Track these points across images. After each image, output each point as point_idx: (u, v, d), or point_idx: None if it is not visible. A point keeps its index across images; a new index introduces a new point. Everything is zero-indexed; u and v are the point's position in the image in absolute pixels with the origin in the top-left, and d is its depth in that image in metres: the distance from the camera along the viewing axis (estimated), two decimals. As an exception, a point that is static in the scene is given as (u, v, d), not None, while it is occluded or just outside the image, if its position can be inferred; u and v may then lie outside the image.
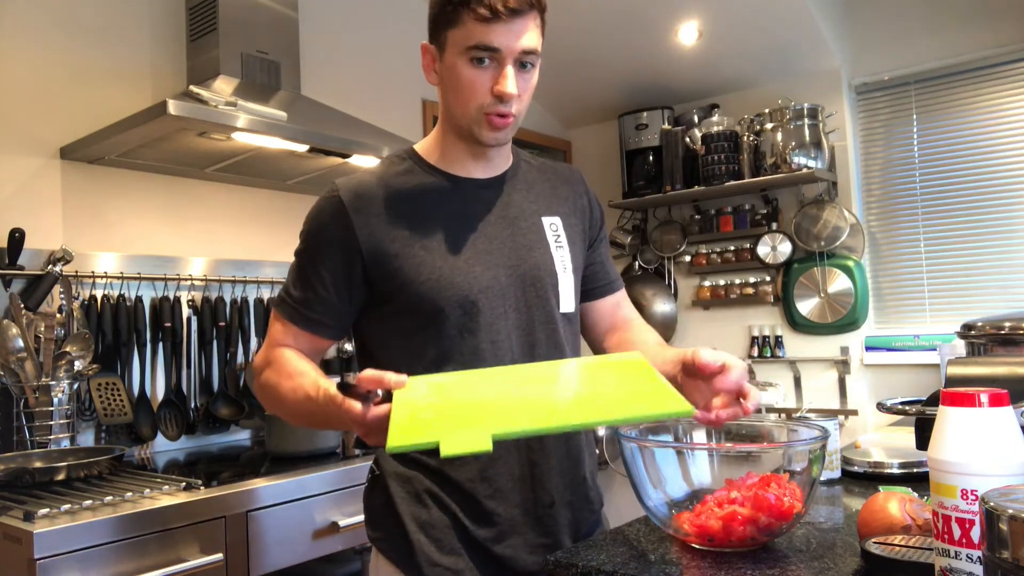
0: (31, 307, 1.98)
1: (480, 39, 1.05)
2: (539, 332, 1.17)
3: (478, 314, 1.12)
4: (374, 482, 1.20)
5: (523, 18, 1.06)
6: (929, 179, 3.15)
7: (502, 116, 1.10)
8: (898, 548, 0.86)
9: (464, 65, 1.07)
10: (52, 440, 1.92)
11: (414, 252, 1.12)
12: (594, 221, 1.32)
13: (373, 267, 1.12)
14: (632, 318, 1.35)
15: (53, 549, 1.40)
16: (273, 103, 2.17)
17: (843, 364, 3.24)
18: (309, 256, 1.16)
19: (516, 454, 1.14)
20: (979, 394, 0.73)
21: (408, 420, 0.85)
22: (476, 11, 1.03)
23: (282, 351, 1.15)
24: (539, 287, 1.17)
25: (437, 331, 1.12)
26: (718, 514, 0.94)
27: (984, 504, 0.62)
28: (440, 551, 1.10)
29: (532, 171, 1.27)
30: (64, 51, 2.20)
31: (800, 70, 3.33)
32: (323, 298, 1.14)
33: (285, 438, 2.10)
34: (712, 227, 3.56)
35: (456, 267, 1.12)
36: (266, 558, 1.73)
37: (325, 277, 1.13)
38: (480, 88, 1.08)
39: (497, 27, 1.04)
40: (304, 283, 1.16)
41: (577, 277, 1.24)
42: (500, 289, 1.14)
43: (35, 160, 2.13)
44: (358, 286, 1.14)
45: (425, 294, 1.10)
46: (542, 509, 1.14)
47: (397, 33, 3.15)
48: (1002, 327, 1.29)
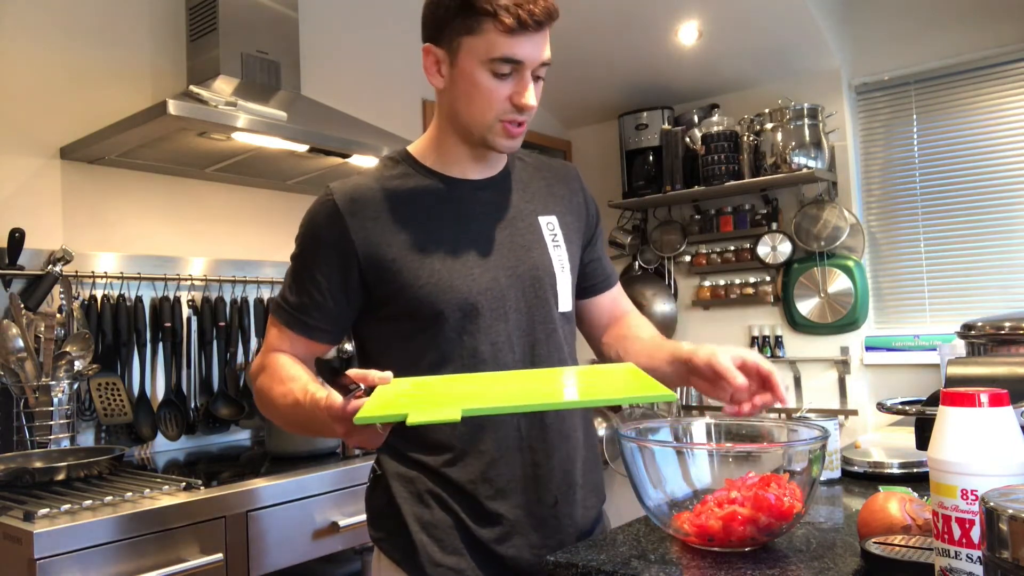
0: (31, 307, 1.99)
1: (505, 51, 1.05)
2: (539, 332, 1.17)
3: (478, 316, 1.12)
4: (376, 483, 1.20)
5: (544, 31, 1.07)
6: (929, 179, 3.15)
7: (519, 125, 1.11)
8: (898, 548, 0.86)
9: (484, 75, 1.07)
10: (52, 440, 1.92)
11: (412, 256, 1.11)
12: (590, 218, 1.31)
13: (370, 271, 1.12)
14: (628, 311, 1.36)
15: (53, 549, 1.40)
16: (273, 103, 2.17)
17: (843, 364, 3.24)
18: (304, 261, 1.15)
19: (519, 455, 1.13)
20: (979, 394, 0.73)
21: (382, 400, 0.87)
22: (503, 22, 1.03)
23: (276, 356, 1.15)
24: (538, 287, 1.17)
25: (436, 334, 1.12)
26: (718, 514, 0.94)
27: (984, 504, 0.62)
28: (443, 551, 1.10)
29: (527, 170, 1.27)
30: (64, 51, 2.20)
31: (800, 70, 3.33)
32: (319, 303, 1.14)
33: (285, 438, 2.10)
34: (712, 227, 3.56)
35: (455, 270, 1.12)
36: (266, 558, 1.73)
37: (321, 282, 1.13)
38: (499, 97, 1.08)
39: (522, 39, 1.05)
40: (300, 288, 1.15)
41: (574, 276, 1.24)
42: (500, 291, 1.14)
43: (35, 160, 2.13)
44: (355, 290, 1.14)
45: (424, 298, 1.10)
46: (545, 509, 1.14)
47: (397, 33, 3.15)
48: (1002, 327, 1.29)
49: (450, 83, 1.11)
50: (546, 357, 1.17)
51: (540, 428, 1.15)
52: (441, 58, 1.11)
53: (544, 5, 1.05)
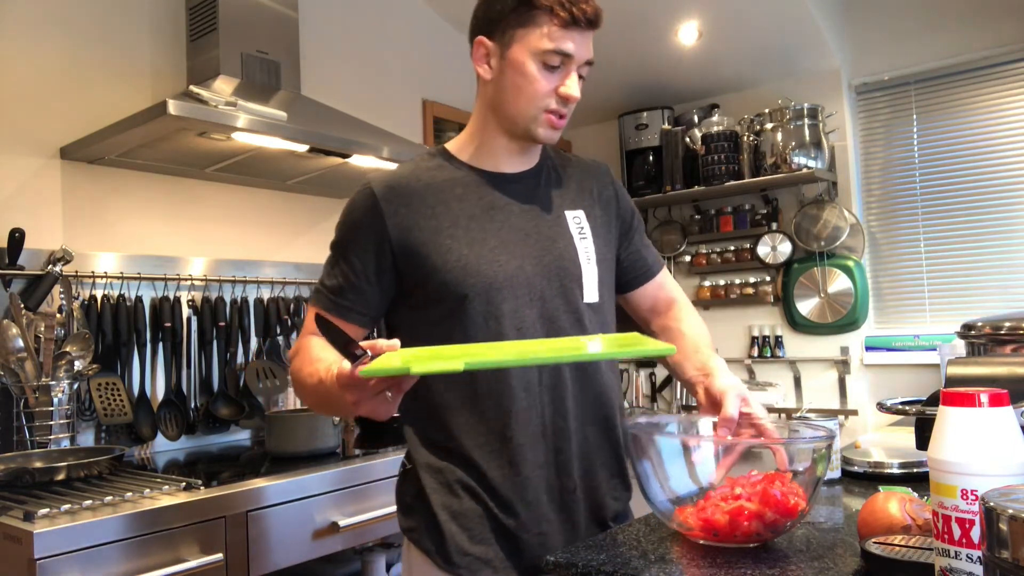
0: (31, 307, 1.98)
1: (558, 44, 1.13)
2: (563, 321, 1.21)
3: (503, 302, 1.16)
4: (405, 475, 1.24)
5: (592, 30, 1.16)
6: (929, 179, 3.16)
7: (561, 116, 1.19)
8: (898, 548, 0.86)
9: (534, 66, 1.14)
10: (52, 440, 1.92)
11: (441, 241, 1.16)
12: (623, 211, 1.36)
13: (402, 256, 1.17)
14: (676, 299, 1.40)
15: (53, 549, 1.40)
16: (273, 103, 2.17)
17: (843, 364, 3.24)
18: (342, 247, 1.21)
19: (542, 441, 1.17)
20: (979, 394, 0.73)
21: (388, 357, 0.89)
22: (558, 16, 1.12)
23: (309, 339, 1.20)
24: (563, 277, 1.21)
25: (463, 318, 1.16)
26: (724, 508, 0.95)
27: (984, 504, 0.62)
28: (471, 540, 1.14)
29: (558, 167, 1.33)
30: (64, 51, 2.20)
31: (800, 70, 3.33)
32: (354, 285, 1.19)
33: (285, 438, 2.10)
34: (712, 227, 3.56)
35: (481, 256, 1.16)
36: (266, 558, 1.73)
37: (356, 265, 1.18)
38: (545, 88, 1.15)
39: (573, 34, 1.14)
40: (337, 272, 1.20)
41: (603, 268, 1.27)
42: (525, 278, 1.18)
43: (35, 160, 2.13)
44: (387, 275, 1.18)
45: (451, 281, 1.15)
46: (566, 495, 1.18)
47: (397, 33, 3.15)
48: (1002, 327, 1.29)
49: (499, 74, 1.18)
50: None
51: (561, 414, 1.18)
52: (492, 50, 1.18)
53: (594, 7, 1.15)
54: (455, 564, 1.13)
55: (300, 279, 2.63)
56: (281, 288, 2.59)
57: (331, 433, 2.12)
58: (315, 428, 2.09)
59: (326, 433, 2.10)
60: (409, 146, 2.46)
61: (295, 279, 2.61)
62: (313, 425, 2.09)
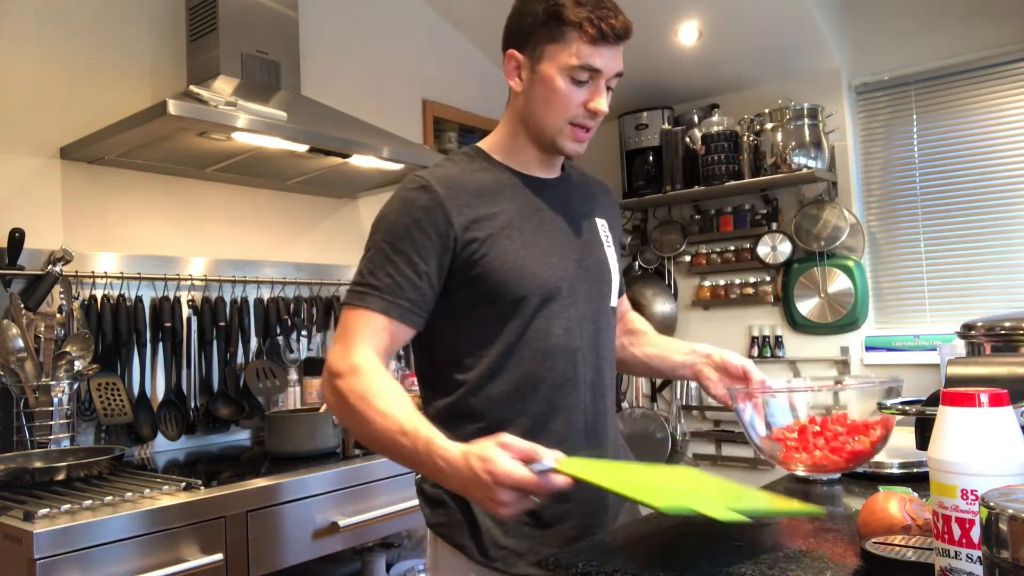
0: (31, 307, 1.98)
1: (587, 60, 1.14)
2: (601, 321, 1.26)
3: (553, 302, 1.19)
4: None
5: (621, 44, 1.17)
6: (929, 179, 3.16)
7: (587, 129, 1.20)
8: (898, 548, 0.86)
9: (563, 80, 1.16)
10: (52, 440, 1.92)
11: (499, 242, 1.17)
12: (619, 229, 1.43)
13: (462, 253, 1.16)
14: (635, 316, 1.52)
15: (53, 549, 1.40)
16: (273, 103, 2.17)
17: (843, 364, 3.24)
18: (397, 244, 1.14)
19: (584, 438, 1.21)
20: (979, 394, 0.72)
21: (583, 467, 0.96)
22: (587, 32, 1.13)
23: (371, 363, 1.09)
24: (600, 281, 1.28)
25: (515, 317, 1.17)
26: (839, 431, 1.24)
27: (984, 504, 0.62)
28: (505, 534, 1.15)
29: (578, 178, 1.37)
30: (64, 51, 2.20)
31: (800, 70, 3.33)
32: (415, 284, 1.13)
33: (285, 438, 2.10)
34: (712, 227, 3.56)
35: (536, 258, 1.19)
36: (266, 558, 1.73)
37: (418, 264, 1.13)
38: (573, 102, 1.17)
39: (603, 49, 1.15)
40: (392, 271, 1.13)
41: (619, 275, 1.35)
42: (571, 280, 1.22)
43: (35, 160, 2.13)
44: (444, 272, 1.16)
45: (510, 282, 1.16)
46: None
47: (397, 33, 3.15)
48: (1002, 327, 1.29)
49: (528, 86, 1.20)
50: (605, 343, 1.28)
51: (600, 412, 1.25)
52: (523, 64, 1.20)
53: (623, 21, 1.16)
54: (491, 557, 1.14)
55: (300, 279, 2.63)
56: (281, 288, 2.59)
57: (331, 433, 2.12)
58: (315, 428, 2.09)
59: (326, 433, 2.10)
60: (409, 146, 2.46)
61: (295, 279, 2.62)
62: (313, 425, 2.10)
